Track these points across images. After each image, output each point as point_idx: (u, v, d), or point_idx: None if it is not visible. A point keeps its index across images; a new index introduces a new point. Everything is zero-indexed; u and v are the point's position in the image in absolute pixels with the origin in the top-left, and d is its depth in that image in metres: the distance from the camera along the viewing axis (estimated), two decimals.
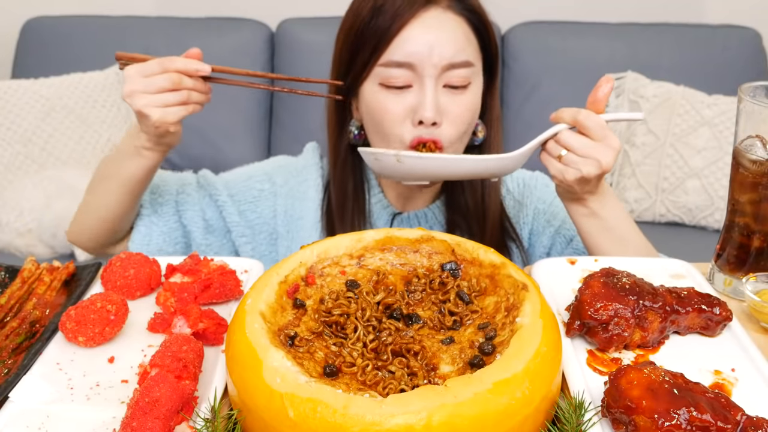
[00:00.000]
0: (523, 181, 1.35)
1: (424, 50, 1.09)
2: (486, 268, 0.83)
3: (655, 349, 0.80)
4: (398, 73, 1.11)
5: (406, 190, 1.29)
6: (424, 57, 1.09)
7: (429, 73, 1.10)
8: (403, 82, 1.11)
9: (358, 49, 1.14)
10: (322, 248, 0.85)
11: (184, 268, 0.92)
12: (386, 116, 1.13)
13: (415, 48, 1.09)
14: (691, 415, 0.62)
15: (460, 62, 1.11)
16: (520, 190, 1.34)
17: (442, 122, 1.12)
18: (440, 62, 1.09)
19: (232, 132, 2.65)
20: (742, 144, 0.93)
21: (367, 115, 1.17)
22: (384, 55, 1.11)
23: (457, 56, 1.10)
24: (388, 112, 1.12)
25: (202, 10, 2.79)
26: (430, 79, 1.10)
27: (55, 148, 2.45)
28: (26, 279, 0.93)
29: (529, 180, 1.35)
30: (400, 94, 1.12)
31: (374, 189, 1.31)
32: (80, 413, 0.71)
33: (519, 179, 1.35)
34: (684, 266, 0.97)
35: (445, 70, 1.11)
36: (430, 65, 1.09)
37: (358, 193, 1.28)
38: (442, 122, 1.12)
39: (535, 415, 0.64)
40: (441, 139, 1.12)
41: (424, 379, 0.69)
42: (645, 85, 2.49)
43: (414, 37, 1.09)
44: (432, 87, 1.10)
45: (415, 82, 1.11)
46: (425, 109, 1.09)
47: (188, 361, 0.71)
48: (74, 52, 2.63)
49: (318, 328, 0.76)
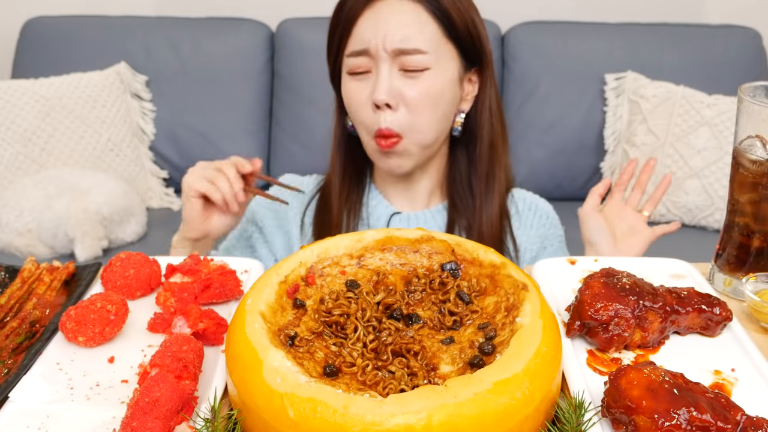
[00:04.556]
0: (535, 207, 1.37)
1: (377, 36, 1.15)
2: (486, 268, 0.83)
3: (655, 349, 0.80)
4: (359, 61, 1.18)
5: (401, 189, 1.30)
6: (377, 43, 1.15)
7: (382, 56, 1.16)
8: (364, 68, 1.18)
9: (332, 42, 1.23)
10: (322, 248, 0.85)
11: (184, 268, 0.92)
12: (353, 103, 1.21)
13: (367, 35, 1.16)
14: (691, 415, 0.62)
15: (410, 49, 1.15)
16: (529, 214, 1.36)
17: (397, 106, 1.17)
18: (390, 46, 1.15)
19: (232, 132, 2.65)
20: (742, 144, 0.93)
21: (346, 106, 1.24)
22: (347, 46, 1.19)
23: (405, 42, 1.15)
24: (354, 99, 1.20)
25: (202, 10, 2.79)
26: (383, 63, 1.16)
27: (55, 148, 2.45)
28: (26, 279, 0.93)
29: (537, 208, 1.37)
30: (362, 81, 1.19)
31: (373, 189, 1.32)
32: (80, 413, 0.71)
33: (531, 203, 1.37)
34: (684, 266, 0.97)
35: (397, 56, 1.16)
36: (381, 50, 1.15)
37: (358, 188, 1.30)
38: (398, 107, 1.17)
39: (535, 415, 0.64)
40: (394, 127, 1.17)
41: (424, 379, 0.69)
42: (645, 85, 2.48)
43: (367, 26, 1.17)
44: (385, 71, 1.16)
45: (373, 68, 1.18)
46: (377, 92, 1.15)
47: (188, 361, 0.71)
48: (74, 52, 2.62)
49: (318, 328, 0.76)
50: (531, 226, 1.34)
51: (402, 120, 1.17)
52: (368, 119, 1.18)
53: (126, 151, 2.56)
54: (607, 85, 2.55)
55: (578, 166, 2.61)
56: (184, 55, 2.64)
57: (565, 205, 1.93)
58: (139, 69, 2.63)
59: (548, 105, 2.59)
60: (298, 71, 2.62)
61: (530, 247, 1.33)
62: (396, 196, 1.32)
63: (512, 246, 1.30)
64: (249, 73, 2.65)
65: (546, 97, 2.58)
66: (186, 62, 2.64)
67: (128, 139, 2.57)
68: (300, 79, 2.60)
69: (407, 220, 1.30)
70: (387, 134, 1.17)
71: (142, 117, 2.62)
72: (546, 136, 2.59)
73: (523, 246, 1.33)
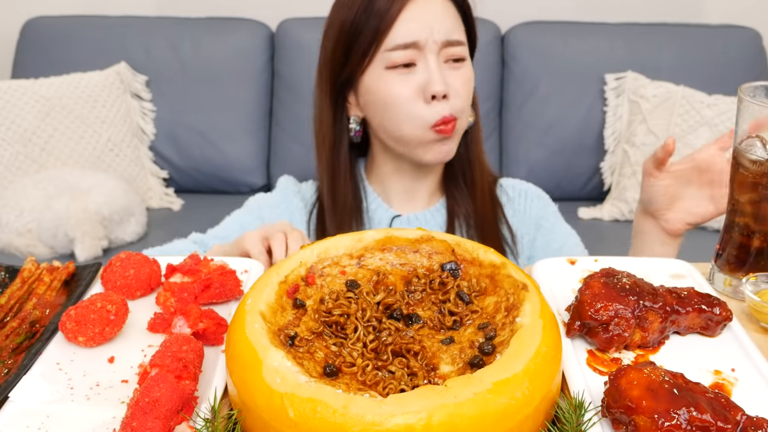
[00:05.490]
0: (524, 192, 1.38)
1: (425, 28, 1.16)
2: (486, 268, 0.83)
3: (655, 349, 0.80)
4: (402, 54, 1.17)
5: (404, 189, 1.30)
6: (426, 35, 1.16)
7: (431, 49, 1.17)
8: (409, 60, 1.17)
9: (356, 40, 1.18)
10: (322, 248, 0.85)
11: (184, 268, 0.92)
12: (399, 98, 1.18)
13: (417, 27, 1.16)
14: (691, 415, 0.62)
15: (455, 40, 1.19)
16: (519, 200, 1.37)
17: (450, 96, 1.18)
18: (440, 38, 1.16)
19: (232, 132, 2.65)
20: (741, 144, 0.93)
21: (375, 103, 1.21)
22: (387, 39, 1.16)
23: (452, 34, 1.18)
24: (399, 92, 1.18)
25: (202, 10, 2.79)
26: (432, 55, 1.17)
27: (55, 148, 2.45)
28: (26, 279, 0.93)
29: (529, 192, 1.39)
30: (407, 74, 1.18)
31: (371, 194, 1.32)
32: (80, 413, 0.71)
33: (519, 189, 1.39)
34: (684, 266, 0.97)
35: (444, 47, 1.18)
36: (431, 41, 1.16)
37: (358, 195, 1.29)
38: (450, 96, 1.18)
39: (535, 415, 0.64)
40: (454, 113, 1.19)
41: (424, 379, 0.69)
42: (645, 85, 2.48)
43: (414, 18, 1.16)
44: (436, 62, 1.17)
45: (418, 60, 1.17)
46: (435, 83, 1.16)
47: (188, 361, 0.71)
48: (74, 52, 2.63)
49: (318, 328, 0.76)
50: (524, 211, 1.36)
51: (455, 106, 1.19)
52: (421, 111, 1.18)
53: (126, 151, 2.56)
54: (607, 85, 2.55)
55: (578, 166, 2.61)
56: (184, 55, 2.64)
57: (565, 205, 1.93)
58: (139, 69, 2.63)
59: (548, 105, 2.59)
60: (298, 71, 2.62)
61: (527, 231, 1.35)
62: (398, 197, 1.32)
63: (509, 234, 1.32)
64: (249, 73, 2.66)
65: (546, 97, 2.58)
66: (186, 62, 2.64)
67: (128, 139, 2.57)
68: (300, 79, 2.60)
69: (408, 222, 1.30)
70: (450, 119, 1.18)
71: (142, 117, 2.62)
72: (546, 136, 2.59)
73: (520, 232, 1.34)
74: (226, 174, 2.67)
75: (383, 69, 1.18)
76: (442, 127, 1.18)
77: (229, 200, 2.52)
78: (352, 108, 1.26)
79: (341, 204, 1.27)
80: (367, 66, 1.19)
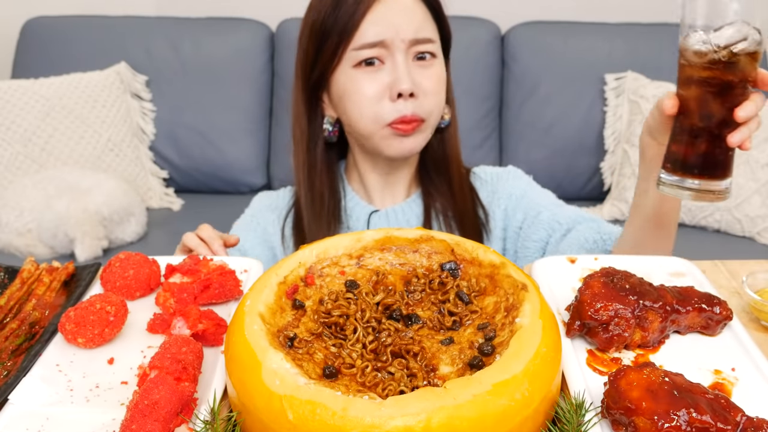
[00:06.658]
0: (496, 174, 1.40)
1: (391, 27, 1.17)
2: (485, 267, 0.83)
3: (656, 348, 0.80)
4: (369, 52, 1.18)
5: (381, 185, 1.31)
6: (392, 34, 1.17)
7: (399, 47, 1.18)
8: (376, 57, 1.18)
9: (326, 39, 1.20)
10: (321, 248, 0.85)
11: (184, 268, 0.92)
12: (364, 96, 1.19)
13: (383, 26, 1.17)
14: (691, 416, 0.62)
15: (423, 38, 1.20)
16: (493, 181, 1.38)
17: (418, 95, 1.19)
18: (407, 37, 1.17)
19: (232, 132, 2.65)
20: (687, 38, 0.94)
21: (344, 101, 1.22)
22: (354, 38, 1.18)
23: (420, 32, 1.19)
24: (366, 90, 1.19)
25: (202, 10, 2.79)
26: (400, 54, 1.18)
27: (55, 148, 2.45)
28: (25, 280, 0.93)
29: (501, 173, 1.40)
30: (375, 73, 1.19)
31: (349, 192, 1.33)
32: (80, 415, 0.70)
33: (491, 173, 1.40)
34: (684, 264, 0.97)
35: (412, 45, 1.19)
36: (398, 40, 1.17)
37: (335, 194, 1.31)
38: (418, 95, 1.19)
39: (534, 416, 0.64)
40: (419, 112, 1.19)
41: (423, 380, 0.68)
42: (645, 85, 2.48)
43: (381, 17, 1.17)
44: (403, 61, 1.18)
45: (387, 59, 1.19)
46: (401, 82, 1.17)
47: (187, 363, 0.71)
48: (74, 52, 2.63)
49: (317, 329, 0.76)
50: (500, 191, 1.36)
51: (424, 105, 1.20)
52: (384, 109, 1.19)
53: (126, 151, 2.56)
54: (607, 85, 2.54)
55: (578, 166, 2.61)
56: (184, 55, 2.64)
57: None
58: (139, 69, 2.63)
59: (548, 105, 2.58)
60: None
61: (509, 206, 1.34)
62: (377, 193, 1.33)
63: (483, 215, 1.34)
64: (249, 73, 2.65)
65: (546, 97, 2.58)
66: (186, 62, 2.64)
67: (128, 139, 2.57)
68: None
69: (386, 216, 1.32)
70: (410, 119, 1.19)
71: (142, 117, 2.62)
72: (546, 136, 2.59)
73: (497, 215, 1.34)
74: (226, 174, 2.67)
75: (351, 68, 1.19)
76: (399, 126, 1.19)
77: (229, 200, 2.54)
78: (327, 108, 1.28)
79: (318, 202, 1.29)
80: (336, 65, 1.21)
